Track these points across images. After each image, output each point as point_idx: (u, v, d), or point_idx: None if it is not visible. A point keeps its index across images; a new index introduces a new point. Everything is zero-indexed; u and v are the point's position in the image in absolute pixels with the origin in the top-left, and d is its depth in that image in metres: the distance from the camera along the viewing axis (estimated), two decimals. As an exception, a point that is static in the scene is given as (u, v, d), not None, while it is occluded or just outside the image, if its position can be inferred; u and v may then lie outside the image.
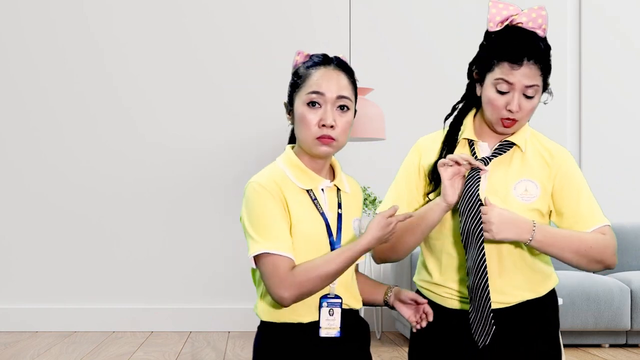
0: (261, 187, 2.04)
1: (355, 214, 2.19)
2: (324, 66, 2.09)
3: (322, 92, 2.06)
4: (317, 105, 2.06)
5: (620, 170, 5.57)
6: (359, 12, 5.42)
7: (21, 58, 5.43)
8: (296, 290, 1.98)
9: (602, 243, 2.20)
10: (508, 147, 2.27)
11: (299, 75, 2.12)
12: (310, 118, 2.06)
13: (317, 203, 2.09)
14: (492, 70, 2.20)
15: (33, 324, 5.35)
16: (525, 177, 2.25)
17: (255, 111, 5.48)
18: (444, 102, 6.06)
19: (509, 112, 2.19)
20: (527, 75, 2.16)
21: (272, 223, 2.01)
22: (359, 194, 2.25)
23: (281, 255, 1.99)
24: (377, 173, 5.06)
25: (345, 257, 2.01)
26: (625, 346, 4.78)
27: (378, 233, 2.02)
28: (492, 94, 2.21)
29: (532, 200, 2.23)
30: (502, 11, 2.22)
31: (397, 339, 5.05)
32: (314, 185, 2.10)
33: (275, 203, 2.03)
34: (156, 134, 5.45)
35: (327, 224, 2.08)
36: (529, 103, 2.20)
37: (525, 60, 2.16)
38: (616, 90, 5.59)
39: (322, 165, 2.13)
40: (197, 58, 5.48)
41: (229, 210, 5.38)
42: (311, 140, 2.07)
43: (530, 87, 2.18)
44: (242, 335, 5.17)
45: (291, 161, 2.12)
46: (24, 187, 5.41)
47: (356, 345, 2.14)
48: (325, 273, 1.99)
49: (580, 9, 5.59)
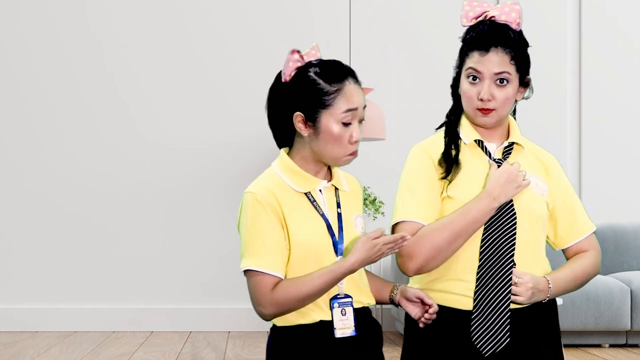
0: (255, 200, 2.04)
1: (356, 211, 2.19)
2: (347, 79, 2.09)
3: (356, 107, 2.07)
4: (350, 123, 2.08)
5: (620, 170, 5.56)
6: (359, 12, 5.42)
7: (21, 58, 5.43)
8: (275, 308, 2.02)
9: (596, 264, 2.31)
10: (512, 148, 2.28)
11: (321, 90, 2.07)
12: (345, 136, 2.07)
13: (316, 205, 2.09)
14: (465, 62, 2.23)
15: (33, 324, 5.34)
16: (533, 174, 2.25)
17: (255, 111, 5.45)
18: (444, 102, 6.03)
19: (481, 101, 2.19)
20: (495, 62, 2.17)
21: (260, 240, 2.02)
22: (358, 191, 2.24)
23: (264, 273, 2.01)
24: (377, 173, 5.06)
25: (327, 278, 2.01)
26: (625, 346, 4.78)
27: (363, 255, 2.01)
28: (465, 85, 2.23)
29: (544, 193, 2.24)
30: (476, 8, 2.26)
31: (397, 339, 5.05)
32: (311, 188, 2.10)
33: (268, 217, 2.03)
34: (156, 134, 5.45)
35: (329, 225, 2.08)
36: (502, 92, 2.19)
37: (493, 47, 2.17)
38: (616, 90, 5.59)
39: (320, 167, 2.13)
40: (197, 58, 5.48)
41: (229, 210, 5.38)
42: (343, 157, 2.09)
43: (499, 74, 2.18)
44: (242, 335, 5.16)
45: (287, 166, 2.11)
46: (24, 187, 5.41)
47: (370, 346, 2.14)
48: (306, 293, 2.01)
49: (580, 9, 5.59)
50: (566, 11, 5.59)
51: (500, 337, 2.13)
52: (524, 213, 2.18)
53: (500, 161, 2.23)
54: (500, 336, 2.13)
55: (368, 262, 2.03)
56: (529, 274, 2.15)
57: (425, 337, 2.21)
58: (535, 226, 2.21)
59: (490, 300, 2.14)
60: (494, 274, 2.15)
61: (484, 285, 2.15)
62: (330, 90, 2.06)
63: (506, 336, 2.13)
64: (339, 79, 2.07)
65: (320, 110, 2.06)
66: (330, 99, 2.06)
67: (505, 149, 2.27)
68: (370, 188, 4.89)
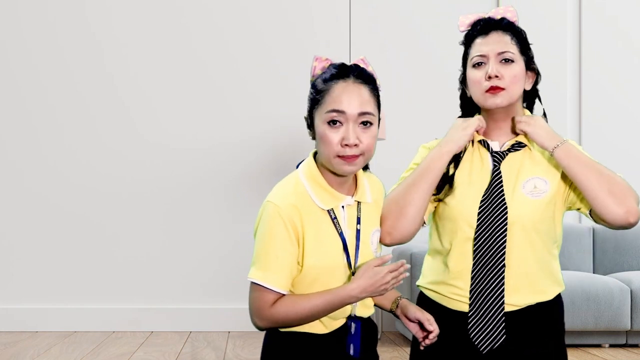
0: (277, 213, 2.00)
1: (375, 224, 2.16)
2: (343, 79, 2.01)
3: (343, 110, 1.98)
4: (338, 123, 1.99)
5: (620, 170, 5.50)
6: (359, 12, 5.42)
7: (21, 58, 5.43)
8: (271, 324, 2.02)
9: (627, 183, 2.16)
10: (518, 148, 2.28)
11: (317, 89, 2.03)
12: (332, 137, 1.98)
13: (337, 222, 2.05)
14: (469, 55, 2.28)
15: (33, 324, 5.35)
16: (535, 175, 2.24)
17: (255, 111, 5.48)
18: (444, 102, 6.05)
19: (489, 79, 2.21)
20: (497, 41, 2.23)
21: (274, 255, 2.00)
22: (380, 199, 2.21)
23: (268, 289, 2.00)
24: (377, 173, 5.01)
25: (326, 300, 1.99)
26: (625, 346, 4.78)
27: (364, 282, 1.98)
28: (472, 72, 2.26)
29: (542, 196, 2.21)
30: (471, 17, 2.33)
31: (397, 339, 5.05)
32: (335, 204, 2.06)
33: (286, 234, 1.99)
34: (156, 134, 5.45)
35: (345, 244, 2.05)
36: (509, 69, 2.22)
37: (493, 31, 2.24)
38: (616, 90, 5.59)
39: (345, 180, 2.08)
40: (197, 58, 5.48)
41: (229, 210, 5.38)
42: (333, 159, 1.99)
43: (503, 53, 2.22)
44: (242, 335, 5.16)
45: (313, 177, 2.06)
46: (25, 187, 5.41)
47: (366, 347, 2.14)
48: (303, 312, 1.99)
49: (580, 9, 5.59)
50: (566, 11, 5.60)
51: (496, 335, 2.18)
52: (515, 219, 2.19)
53: (500, 154, 2.25)
54: (496, 334, 2.18)
55: (372, 291, 1.98)
56: (540, 118, 2.25)
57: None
58: (530, 232, 2.21)
59: (484, 301, 2.18)
60: (486, 276, 2.18)
61: (478, 288, 2.19)
62: (322, 88, 2.02)
63: (502, 334, 2.18)
64: (332, 78, 2.02)
65: (314, 110, 2.05)
66: (320, 98, 2.02)
67: (512, 146, 2.27)
68: (370, 188, 4.90)
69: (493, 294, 2.17)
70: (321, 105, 2.01)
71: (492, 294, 2.17)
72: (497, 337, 2.18)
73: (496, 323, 2.17)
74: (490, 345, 2.18)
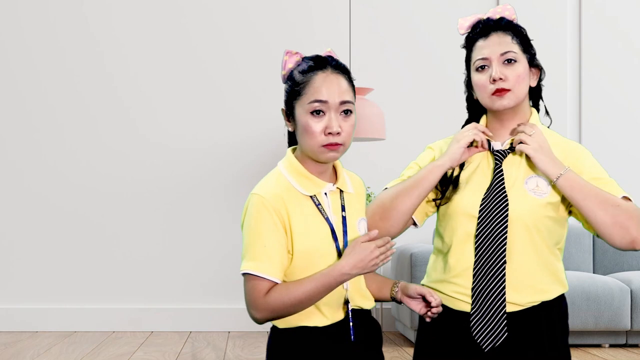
0: (262, 203, 2.03)
1: (360, 214, 2.18)
2: (322, 70, 2.06)
3: (325, 100, 2.03)
4: (322, 113, 2.03)
5: (620, 170, 5.55)
6: (359, 12, 5.42)
7: (21, 58, 5.43)
8: (268, 313, 2.02)
9: (631, 207, 2.13)
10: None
11: (295, 81, 2.07)
12: (315, 127, 2.02)
13: (321, 208, 2.08)
14: (472, 59, 2.28)
15: (33, 324, 5.35)
16: (536, 174, 2.25)
17: (255, 111, 5.48)
18: (444, 102, 6.05)
19: (494, 82, 2.22)
20: (498, 43, 2.23)
21: (262, 244, 2.01)
22: (362, 192, 2.24)
23: (261, 278, 2.01)
24: (377, 173, 5.06)
25: (319, 282, 2.00)
26: (625, 346, 4.78)
27: (353, 258, 2.00)
28: (476, 76, 2.27)
29: (544, 196, 2.22)
30: (469, 18, 2.34)
31: (397, 339, 5.05)
32: (317, 191, 2.09)
33: (272, 222, 2.02)
34: (156, 134, 5.46)
35: (332, 230, 2.08)
36: (512, 70, 2.23)
37: (493, 32, 2.25)
38: (616, 90, 5.59)
39: (325, 168, 2.12)
40: (197, 58, 5.48)
41: (229, 210, 5.38)
42: (317, 148, 2.04)
43: (505, 54, 2.23)
44: (242, 335, 5.17)
45: (294, 167, 2.10)
46: (25, 187, 5.41)
47: (370, 347, 2.14)
48: (298, 297, 1.99)
49: (580, 9, 5.59)
50: (566, 11, 5.60)
51: (498, 332, 2.18)
52: (516, 215, 2.19)
53: (501, 153, 2.25)
54: (498, 332, 2.18)
55: (362, 267, 2.00)
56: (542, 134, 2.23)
57: (433, 334, 2.29)
58: (531, 229, 2.21)
59: (486, 298, 2.19)
60: (488, 272, 2.19)
61: (479, 285, 2.19)
62: (301, 80, 2.05)
63: (504, 332, 2.18)
64: (310, 69, 2.06)
65: (294, 102, 2.07)
66: (300, 89, 2.05)
67: (510, 146, 2.28)
68: (370, 188, 4.90)
69: (494, 291, 2.17)
70: (302, 97, 2.04)
71: (493, 290, 2.17)
72: (499, 334, 2.18)
73: (498, 320, 2.17)
74: (492, 343, 2.18)
